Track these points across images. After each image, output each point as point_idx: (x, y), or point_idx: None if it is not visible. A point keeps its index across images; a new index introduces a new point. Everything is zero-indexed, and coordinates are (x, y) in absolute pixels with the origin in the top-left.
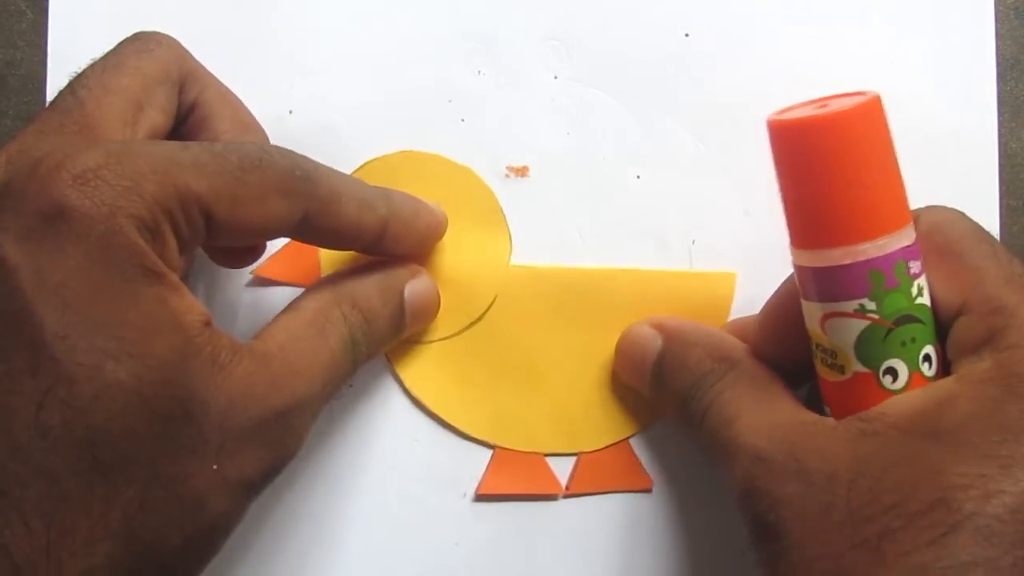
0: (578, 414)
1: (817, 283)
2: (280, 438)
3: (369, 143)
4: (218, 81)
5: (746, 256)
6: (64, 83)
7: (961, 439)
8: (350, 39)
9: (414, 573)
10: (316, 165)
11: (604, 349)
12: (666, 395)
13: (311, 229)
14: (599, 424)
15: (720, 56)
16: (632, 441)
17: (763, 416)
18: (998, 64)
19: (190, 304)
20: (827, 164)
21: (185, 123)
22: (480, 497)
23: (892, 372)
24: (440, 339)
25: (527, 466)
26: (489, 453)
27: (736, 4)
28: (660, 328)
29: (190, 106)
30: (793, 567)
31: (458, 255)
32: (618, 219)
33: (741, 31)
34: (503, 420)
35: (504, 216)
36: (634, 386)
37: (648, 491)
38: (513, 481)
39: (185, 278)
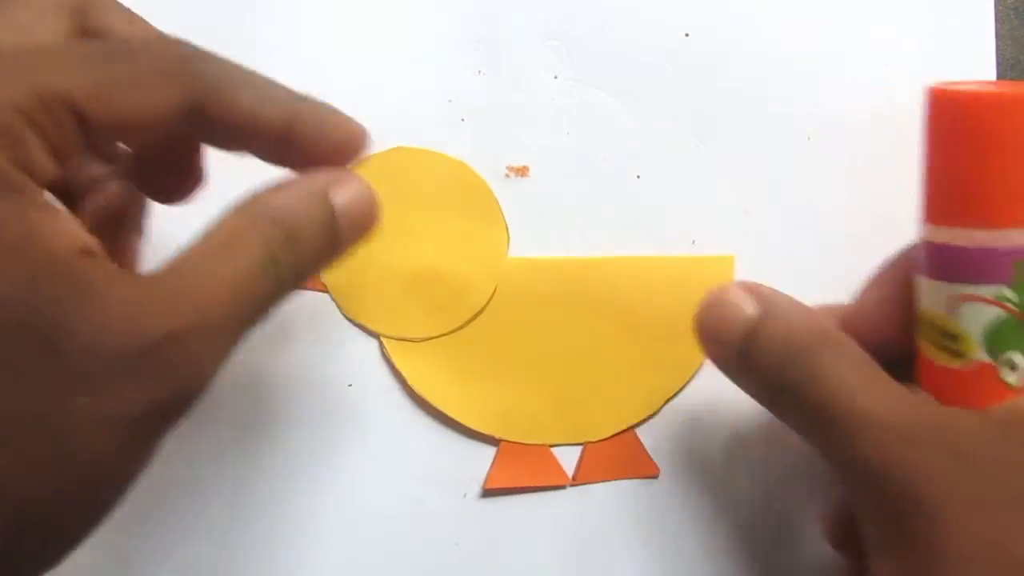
0: (583, 404)
1: (953, 262)
2: (172, 367)
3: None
4: (127, 9)
5: (746, 256)
6: None
7: None
8: (350, 39)
9: (414, 573)
10: (202, 50)
11: (606, 338)
12: (755, 363)
13: (202, 121)
14: (604, 413)
15: (720, 56)
16: (638, 429)
17: (888, 393)
18: (998, 64)
19: (61, 226)
20: (997, 144)
21: None
22: (487, 492)
23: (1011, 364)
24: (441, 335)
25: (533, 458)
26: (489, 451)
27: (736, 4)
28: (754, 292)
29: (94, 33)
30: (946, 542)
31: (455, 249)
32: (618, 219)
33: (741, 31)
34: (508, 413)
35: (500, 208)
36: (709, 351)
37: (655, 478)
38: (520, 474)
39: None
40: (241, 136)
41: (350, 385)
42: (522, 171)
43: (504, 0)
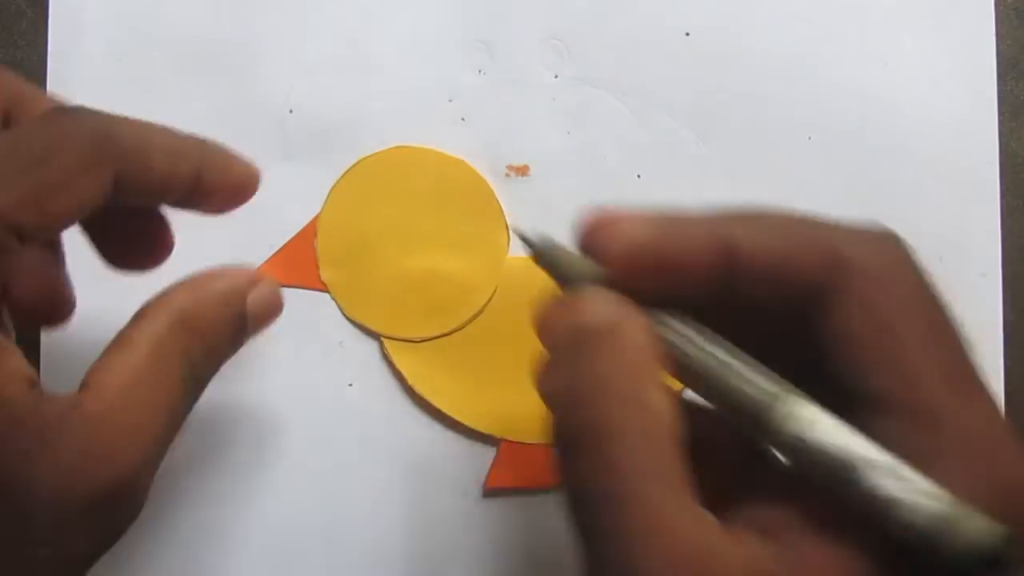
0: None
1: None
2: (119, 509)
3: (369, 142)
4: (54, 97)
5: None
6: (64, 83)
7: None
8: (350, 39)
9: (414, 573)
10: (116, 121)
11: None
12: None
13: (124, 190)
14: None
15: (720, 56)
16: None
17: None
18: (998, 64)
19: (12, 368)
20: None
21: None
22: (487, 492)
23: None
24: (441, 335)
25: (534, 458)
26: (489, 451)
27: (736, 4)
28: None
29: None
30: None
31: (456, 249)
32: None
33: (741, 31)
34: (509, 413)
35: (501, 208)
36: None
37: None
38: (521, 474)
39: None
40: (156, 195)
41: (350, 385)
42: (522, 171)
43: (504, 0)
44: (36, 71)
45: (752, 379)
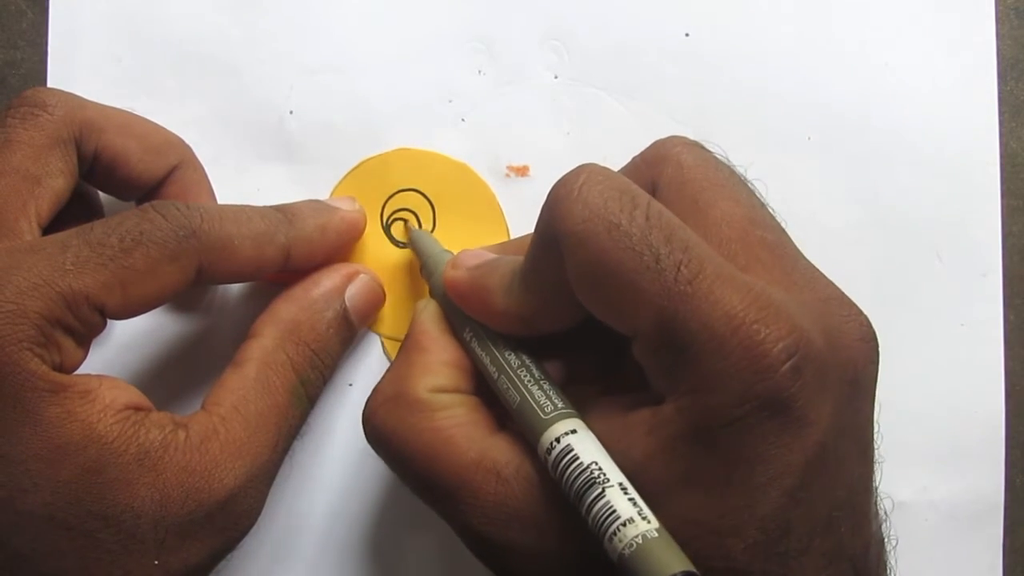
0: None
1: None
2: (227, 522)
3: (369, 143)
4: (119, 116)
5: None
6: (64, 83)
7: None
8: (350, 39)
9: (414, 571)
10: (204, 215)
11: None
12: None
13: (210, 277)
14: None
15: (720, 56)
16: None
17: None
18: (998, 64)
19: (104, 406)
20: None
21: (94, 171)
22: None
23: None
24: None
25: None
26: None
27: (736, 4)
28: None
29: (93, 155)
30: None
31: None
32: None
33: (741, 31)
34: None
35: (502, 212)
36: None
37: None
38: None
39: None
40: (245, 278)
41: (350, 384)
42: (522, 171)
43: (504, 0)
44: (36, 71)
45: (532, 398)
